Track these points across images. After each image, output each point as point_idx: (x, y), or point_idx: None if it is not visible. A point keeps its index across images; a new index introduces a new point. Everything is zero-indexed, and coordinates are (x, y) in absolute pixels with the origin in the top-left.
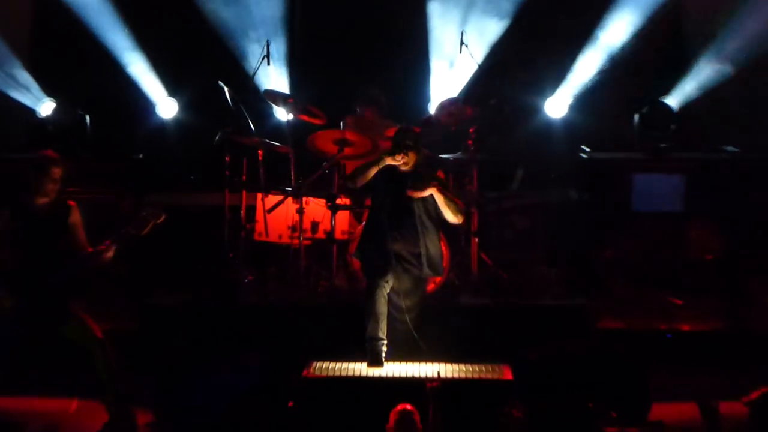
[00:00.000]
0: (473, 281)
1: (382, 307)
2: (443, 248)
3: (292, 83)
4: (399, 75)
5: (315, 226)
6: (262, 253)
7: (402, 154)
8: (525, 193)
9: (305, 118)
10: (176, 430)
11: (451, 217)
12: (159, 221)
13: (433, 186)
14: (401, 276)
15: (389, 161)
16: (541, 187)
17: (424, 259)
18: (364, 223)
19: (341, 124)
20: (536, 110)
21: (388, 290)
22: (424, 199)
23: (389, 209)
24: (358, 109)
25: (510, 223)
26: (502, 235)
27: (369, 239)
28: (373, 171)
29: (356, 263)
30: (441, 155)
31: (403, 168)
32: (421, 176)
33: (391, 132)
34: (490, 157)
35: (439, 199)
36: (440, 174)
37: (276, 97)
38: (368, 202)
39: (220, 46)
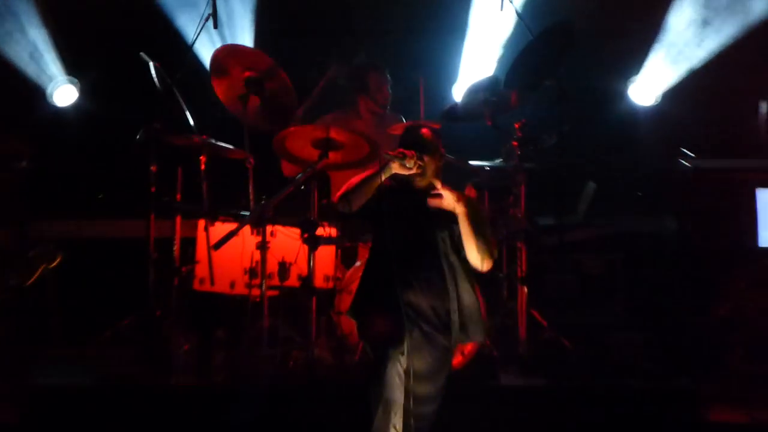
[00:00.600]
0: (520, 352)
1: (396, 392)
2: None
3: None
4: (409, 45)
5: (284, 268)
6: (204, 309)
7: (415, 160)
8: (597, 220)
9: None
10: None
11: (475, 257)
12: (52, 265)
13: (459, 200)
14: (419, 347)
15: (397, 170)
16: (621, 211)
17: (455, 319)
18: (359, 264)
19: (330, 118)
20: (615, 97)
21: (404, 366)
22: (451, 226)
23: (401, 244)
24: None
25: (575, 266)
26: (564, 283)
27: (372, 288)
28: (374, 186)
29: (346, 324)
30: (472, 162)
31: (418, 181)
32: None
33: (398, 129)
34: (546, 166)
35: (464, 227)
36: (470, 191)
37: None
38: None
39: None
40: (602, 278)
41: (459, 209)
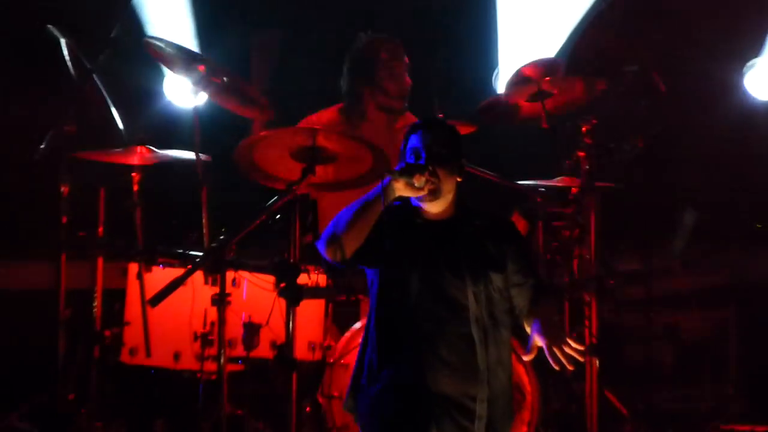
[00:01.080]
0: None
1: None
2: (525, 379)
3: (205, 35)
4: (425, 19)
5: (252, 332)
6: (137, 391)
7: (424, 174)
8: (701, 264)
9: (232, 106)
10: None
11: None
12: None
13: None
14: None
15: (403, 192)
16: (735, 251)
17: (481, 412)
18: (359, 326)
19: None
20: (726, 90)
21: None
22: (486, 274)
23: (416, 299)
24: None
25: (669, 329)
26: (653, 353)
27: (377, 367)
28: (374, 218)
29: (340, 414)
30: (520, 181)
31: (429, 204)
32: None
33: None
34: (627, 187)
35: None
36: (517, 220)
37: (171, 58)
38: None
39: None
40: (708, 347)
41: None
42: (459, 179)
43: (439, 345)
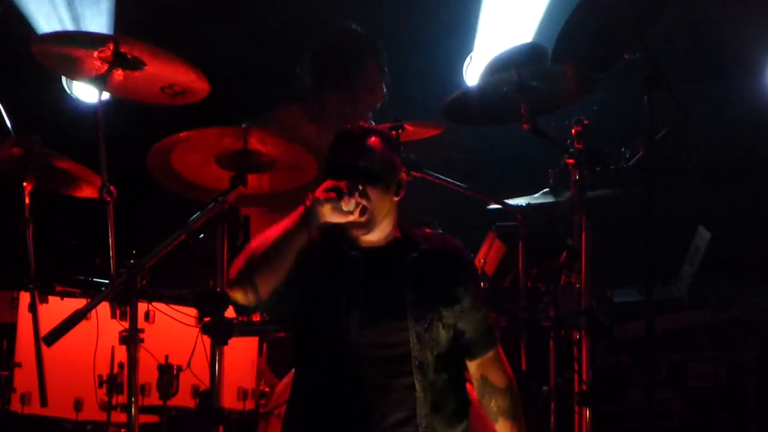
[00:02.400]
0: None
1: None
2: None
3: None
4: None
5: (170, 376)
6: None
7: (353, 196)
8: (714, 297)
9: (158, 97)
10: None
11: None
12: None
13: None
14: None
15: (330, 218)
16: (756, 281)
17: None
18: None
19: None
20: (748, 84)
21: None
22: (437, 311)
23: (351, 350)
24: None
25: (676, 375)
26: (656, 403)
27: (307, 418)
28: (295, 249)
29: None
30: (494, 196)
31: (361, 233)
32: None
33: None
34: (624, 201)
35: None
36: (494, 242)
37: (64, 36)
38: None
39: None
40: (722, 396)
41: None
42: (396, 198)
43: (371, 401)
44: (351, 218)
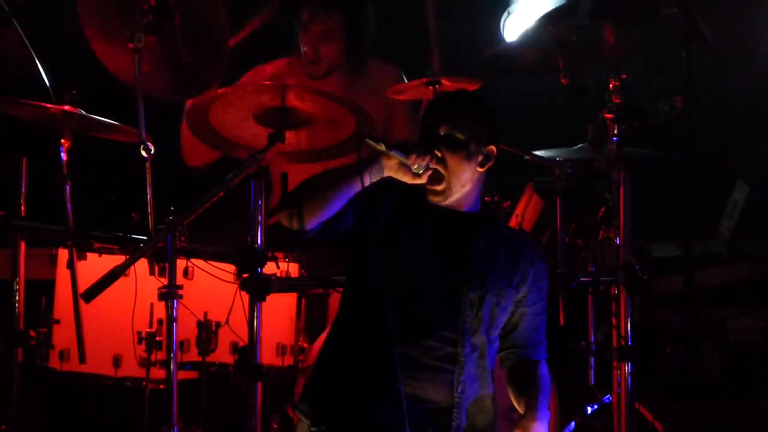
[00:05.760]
0: None
1: None
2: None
3: None
4: None
5: (208, 333)
6: (69, 404)
7: (424, 158)
8: (754, 251)
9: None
10: None
11: None
12: None
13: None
14: None
15: (393, 174)
16: None
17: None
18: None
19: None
20: None
21: None
22: (496, 279)
23: (403, 300)
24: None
25: (715, 330)
26: (696, 358)
27: (344, 373)
28: (349, 193)
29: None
30: (535, 151)
31: (432, 193)
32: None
33: (403, 91)
34: (663, 156)
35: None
36: (532, 197)
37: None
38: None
39: None
40: (761, 350)
41: None
42: (481, 169)
43: (422, 351)
44: (418, 180)
